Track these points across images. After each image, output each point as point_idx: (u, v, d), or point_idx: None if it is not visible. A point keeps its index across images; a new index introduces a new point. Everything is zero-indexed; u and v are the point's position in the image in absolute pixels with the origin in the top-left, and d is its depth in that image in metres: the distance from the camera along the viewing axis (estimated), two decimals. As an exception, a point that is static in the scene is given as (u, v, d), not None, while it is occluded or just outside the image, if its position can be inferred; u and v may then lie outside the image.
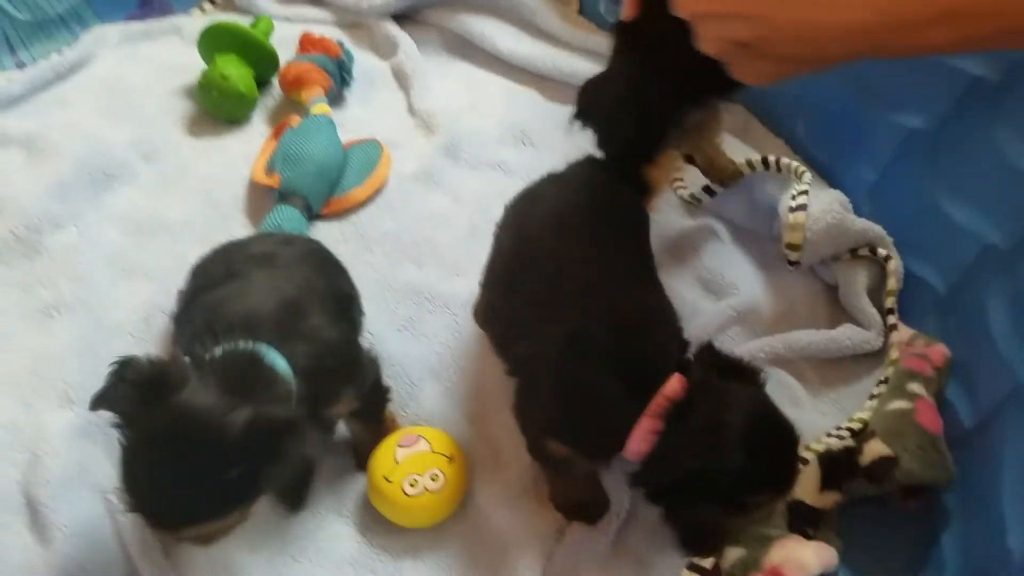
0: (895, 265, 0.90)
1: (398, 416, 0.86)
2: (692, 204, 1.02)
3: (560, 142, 1.07)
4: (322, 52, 1.13)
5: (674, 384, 0.65)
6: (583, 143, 0.89)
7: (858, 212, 0.93)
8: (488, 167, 1.10)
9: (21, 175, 1.04)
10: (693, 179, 1.05)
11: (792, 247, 0.89)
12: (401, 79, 1.22)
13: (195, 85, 1.17)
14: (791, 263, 0.91)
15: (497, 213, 0.88)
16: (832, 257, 0.92)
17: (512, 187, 0.90)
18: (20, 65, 1.24)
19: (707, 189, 1.00)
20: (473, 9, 1.26)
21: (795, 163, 0.95)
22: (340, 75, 1.15)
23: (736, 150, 1.06)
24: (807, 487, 0.78)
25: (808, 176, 0.94)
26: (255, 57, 1.14)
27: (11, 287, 0.95)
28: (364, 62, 1.22)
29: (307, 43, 1.14)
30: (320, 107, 1.08)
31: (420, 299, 0.96)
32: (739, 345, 0.88)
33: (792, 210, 0.89)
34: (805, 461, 0.79)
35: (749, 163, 0.97)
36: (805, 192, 0.90)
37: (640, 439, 0.65)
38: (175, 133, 1.13)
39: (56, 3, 1.25)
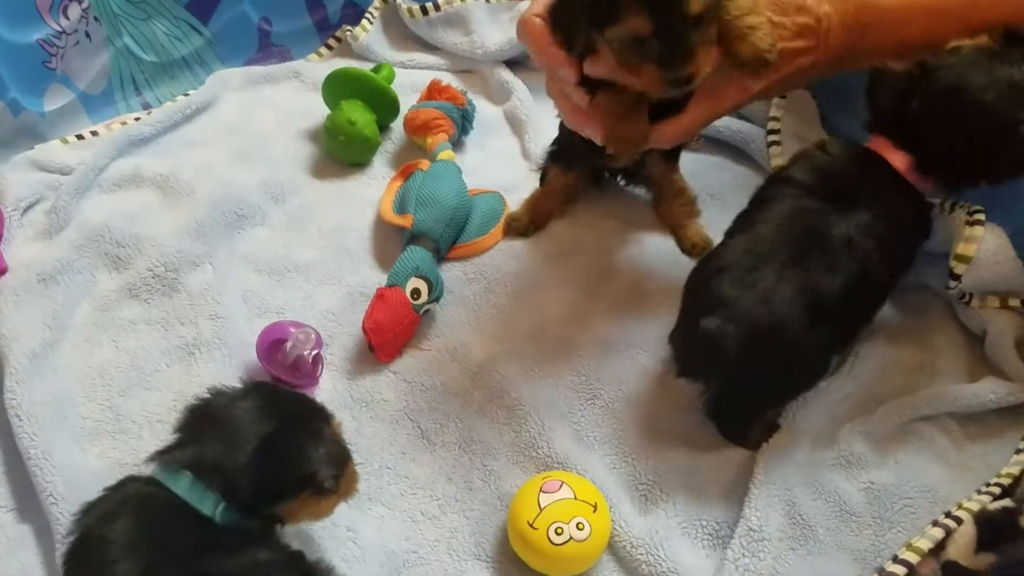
0: (1047, 321, 0.88)
1: (534, 458, 0.86)
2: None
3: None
4: (448, 99, 1.16)
5: None
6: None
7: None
8: (601, 213, 1.11)
9: (157, 215, 1.08)
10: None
11: (962, 259, 0.87)
12: (515, 124, 1.24)
13: (318, 128, 1.21)
14: (954, 277, 0.89)
15: (611, 256, 0.98)
16: (980, 302, 0.91)
17: (623, 231, 0.91)
18: (145, 105, 1.29)
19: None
20: (585, 55, 1.28)
21: (936, 199, 0.92)
22: (463, 123, 1.17)
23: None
24: (962, 548, 0.75)
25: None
26: (379, 103, 1.17)
27: (152, 325, 0.97)
28: (479, 107, 1.24)
29: (434, 90, 1.17)
30: (447, 153, 1.10)
31: (544, 340, 0.97)
32: (883, 403, 0.87)
33: (969, 223, 0.87)
34: (959, 521, 0.77)
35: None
36: (981, 210, 0.89)
37: None
38: (300, 175, 1.16)
39: (181, 46, 1.30)
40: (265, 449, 0.65)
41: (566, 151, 1.03)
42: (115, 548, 0.61)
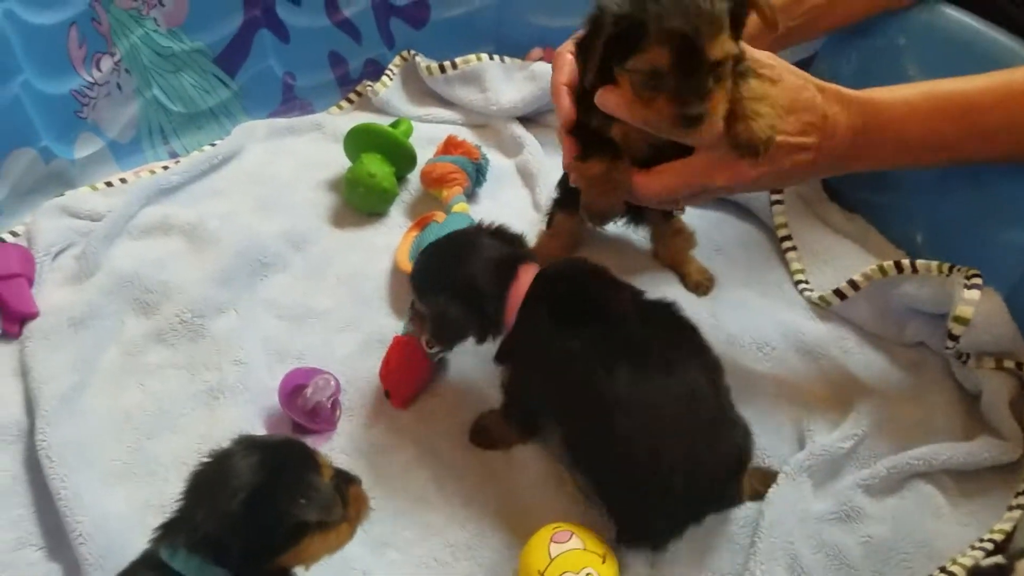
0: (1039, 382, 0.91)
1: (545, 507, 0.88)
2: (821, 307, 1.06)
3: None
4: (463, 154, 1.20)
5: None
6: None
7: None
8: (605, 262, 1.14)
9: (184, 262, 1.12)
10: (820, 282, 1.09)
11: (960, 320, 0.90)
12: (526, 177, 1.28)
13: (337, 178, 1.26)
14: (952, 338, 0.91)
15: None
16: (977, 362, 0.94)
17: (626, 277, 0.96)
18: (172, 154, 1.34)
19: (837, 292, 1.04)
20: (595, 112, 1.33)
21: (933, 262, 0.96)
22: (477, 176, 1.22)
23: (856, 259, 1.11)
24: (956, 603, 0.79)
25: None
26: (397, 156, 1.22)
27: (179, 369, 1.00)
28: (492, 160, 1.28)
29: (451, 145, 1.22)
30: (461, 205, 1.15)
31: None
32: (881, 458, 0.90)
33: (967, 287, 0.91)
34: (953, 576, 0.80)
35: (881, 268, 0.99)
36: (978, 274, 0.92)
37: None
38: (321, 224, 1.21)
39: (208, 98, 1.35)
40: (247, 511, 0.65)
41: (569, 197, 1.07)
42: None
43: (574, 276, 0.91)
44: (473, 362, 1.03)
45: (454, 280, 0.88)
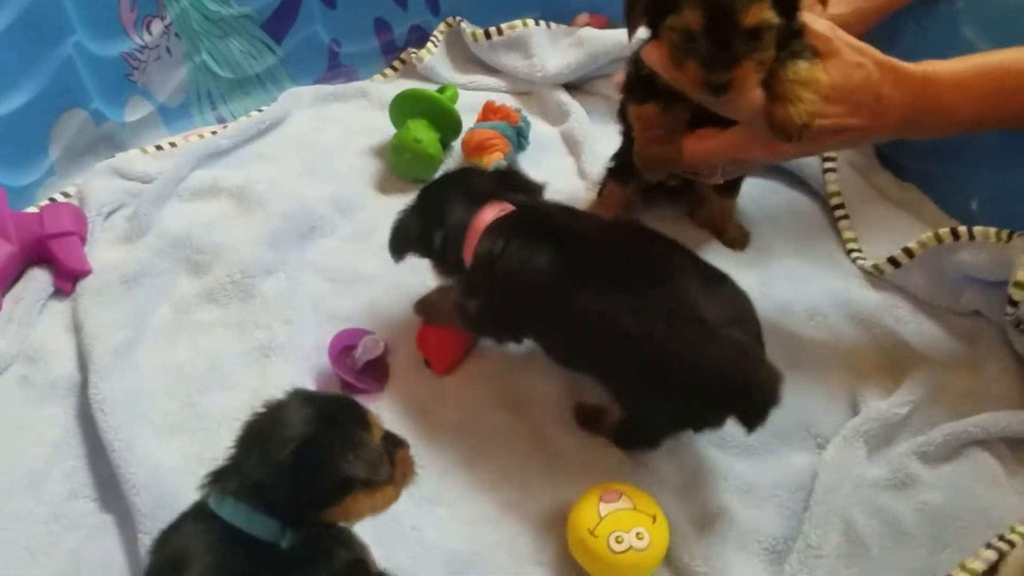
0: (1102, 349, 0.89)
1: (593, 467, 0.88)
2: (874, 275, 1.04)
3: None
4: (503, 119, 1.20)
5: None
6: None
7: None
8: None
9: (234, 224, 1.13)
10: (874, 250, 1.07)
11: (1020, 286, 0.89)
12: (571, 145, 1.27)
13: (382, 145, 1.26)
14: (1012, 304, 0.90)
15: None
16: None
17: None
18: (219, 119, 1.35)
19: (891, 260, 1.02)
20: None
21: (991, 229, 0.94)
22: (518, 140, 1.21)
23: (910, 228, 1.09)
24: (1015, 571, 0.77)
25: None
26: (442, 122, 1.21)
27: (229, 328, 1.02)
28: (535, 127, 1.28)
29: (489, 111, 1.21)
30: (504, 172, 1.14)
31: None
32: (937, 425, 0.88)
33: None
34: (1012, 544, 0.78)
35: (937, 236, 0.97)
36: None
37: None
38: (366, 189, 1.21)
39: (255, 64, 1.36)
40: (297, 461, 0.65)
41: (624, 167, 1.06)
42: None
43: (537, 205, 0.93)
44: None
45: (422, 202, 0.95)
